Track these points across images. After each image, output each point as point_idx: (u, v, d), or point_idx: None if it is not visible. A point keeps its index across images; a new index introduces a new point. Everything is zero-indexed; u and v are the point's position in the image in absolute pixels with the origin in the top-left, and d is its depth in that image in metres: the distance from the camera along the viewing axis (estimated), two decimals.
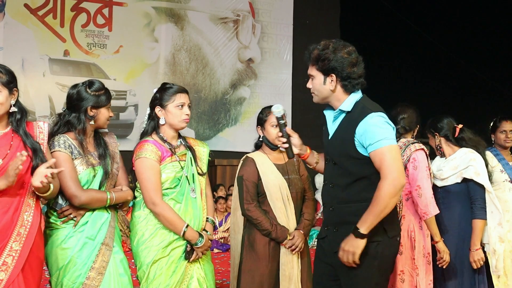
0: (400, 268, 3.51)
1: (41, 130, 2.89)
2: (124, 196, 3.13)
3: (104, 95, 3.10)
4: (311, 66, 2.84)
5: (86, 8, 10.34)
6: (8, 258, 2.66)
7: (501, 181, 4.32)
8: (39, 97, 9.78)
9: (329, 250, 2.91)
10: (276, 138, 3.46)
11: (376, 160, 2.70)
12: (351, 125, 2.77)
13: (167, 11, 10.99)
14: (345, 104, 2.82)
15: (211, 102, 11.36)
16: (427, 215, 3.46)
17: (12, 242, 2.68)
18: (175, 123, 3.22)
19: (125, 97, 10.47)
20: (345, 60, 2.77)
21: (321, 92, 2.84)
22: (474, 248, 3.65)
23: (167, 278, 3.10)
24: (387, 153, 2.68)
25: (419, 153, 3.51)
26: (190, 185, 3.22)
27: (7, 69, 2.75)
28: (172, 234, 3.14)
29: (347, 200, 2.82)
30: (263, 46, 11.75)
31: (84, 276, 2.94)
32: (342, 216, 2.83)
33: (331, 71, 2.78)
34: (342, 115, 2.85)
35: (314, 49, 2.82)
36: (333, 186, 2.88)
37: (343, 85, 2.81)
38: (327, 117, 2.97)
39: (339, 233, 2.83)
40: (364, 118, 2.73)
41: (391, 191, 2.65)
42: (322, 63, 2.78)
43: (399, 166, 2.71)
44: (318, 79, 2.82)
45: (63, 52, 10.16)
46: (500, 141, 4.41)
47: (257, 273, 3.52)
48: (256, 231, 3.54)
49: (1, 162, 2.67)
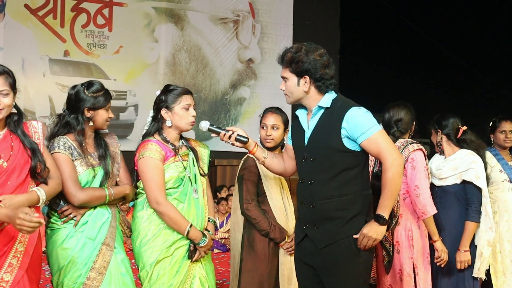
0: (398, 267, 3.51)
1: (35, 129, 2.88)
2: (122, 190, 3.14)
3: (102, 96, 3.10)
4: (284, 69, 2.94)
5: (86, 8, 10.33)
6: (13, 260, 2.66)
7: (500, 181, 4.33)
8: (39, 98, 9.77)
9: (312, 249, 2.91)
10: (264, 139, 3.59)
11: (372, 147, 2.79)
12: (335, 119, 2.83)
13: (167, 11, 10.99)
14: (323, 101, 2.89)
15: (211, 102, 11.36)
16: (426, 214, 3.47)
17: (18, 244, 2.69)
18: (182, 125, 3.23)
19: (125, 98, 10.47)
20: (317, 62, 2.85)
21: (295, 93, 2.92)
22: (463, 249, 3.66)
23: (170, 278, 3.11)
24: (380, 137, 2.80)
25: (418, 153, 3.52)
26: (192, 186, 3.24)
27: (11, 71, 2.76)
28: (175, 233, 3.14)
29: (329, 196, 2.85)
30: (263, 46, 11.75)
31: (84, 276, 2.94)
32: (324, 212, 2.86)
33: (305, 73, 2.86)
34: (320, 111, 2.91)
35: (288, 52, 2.91)
36: (313, 182, 2.89)
37: (316, 86, 2.89)
38: (300, 117, 3.03)
39: (320, 230, 2.87)
40: (348, 111, 2.81)
41: (398, 170, 2.77)
42: (296, 65, 2.86)
43: (395, 147, 2.85)
44: (291, 81, 2.91)
45: (63, 53, 10.15)
46: (499, 141, 4.42)
47: (257, 273, 3.53)
48: (256, 231, 3.55)
49: (7, 164, 2.67)
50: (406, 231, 3.55)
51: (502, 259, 4.27)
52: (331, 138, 2.83)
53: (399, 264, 3.51)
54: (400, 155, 2.81)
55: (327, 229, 2.84)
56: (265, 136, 3.59)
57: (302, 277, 3.05)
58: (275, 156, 3.26)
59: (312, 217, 2.91)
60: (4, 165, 2.66)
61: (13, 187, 2.66)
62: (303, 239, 2.99)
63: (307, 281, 3.00)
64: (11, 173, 2.66)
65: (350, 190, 2.83)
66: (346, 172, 2.83)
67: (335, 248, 2.83)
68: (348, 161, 2.83)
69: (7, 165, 2.66)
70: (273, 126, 3.57)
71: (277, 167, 3.24)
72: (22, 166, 2.72)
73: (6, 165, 2.66)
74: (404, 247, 3.51)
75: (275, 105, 3.79)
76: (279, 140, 3.59)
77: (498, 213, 4.34)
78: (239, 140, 3.11)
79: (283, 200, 3.61)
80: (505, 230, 4.33)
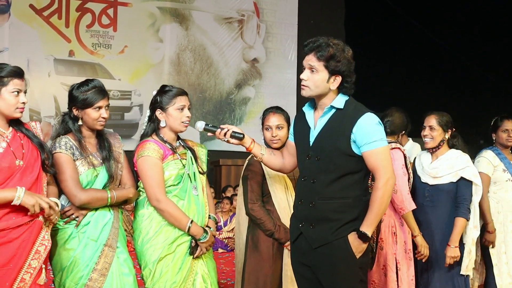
0: (382, 263, 3.59)
1: (35, 130, 2.91)
2: (125, 194, 3.13)
3: (92, 95, 3.02)
4: (318, 60, 2.79)
5: (91, 8, 10.37)
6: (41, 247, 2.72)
7: (504, 181, 4.31)
8: (44, 97, 9.81)
9: (306, 248, 2.90)
10: (270, 141, 3.56)
11: (371, 160, 2.76)
12: (346, 122, 2.79)
13: (172, 11, 11.00)
14: (337, 102, 2.84)
15: (215, 102, 11.37)
16: (404, 210, 3.57)
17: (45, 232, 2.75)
18: (176, 126, 3.24)
19: (130, 97, 10.49)
20: (351, 64, 2.82)
21: (320, 88, 2.82)
22: (453, 245, 3.69)
23: (173, 275, 3.11)
24: (382, 154, 2.77)
25: (395, 152, 3.61)
26: (192, 183, 3.25)
27: None
28: (176, 230, 3.15)
29: (330, 197, 2.82)
30: (267, 46, 11.75)
31: (86, 278, 2.93)
32: (323, 212, 2.83)
33: (340, 73, 2.80)
34: (332, 111, 2.86)
35: (329, 47, 2.77)
36: (315, 181, 2.86)
37: (342, 87, 2.84)
38: (307, 114, 2.97)
39: (316, 229, 2.85)
40: (362, 117, 2.77)
41: (389, 190, 2.76)
42: (335, 63, 2.77)
43: (392, 167, 2.82)
44: (321, 75, 2.80)
45: (68, 53, 10.19)
46: (502, 140, 4.41)
47: (261, 273, 3.52)
48: (260, 231, 3.55)
49: (23, 163, 2.70)
50: (390, 228, 3.65)
51: (507, 259, 4.26)
52: (340, 140, 2.80)
53: (383, 260, 3.58)
54: (393, 177, 2.80)
55: (323, 230, 2.82)
56: (271, 138, 3.57)
57: (301, 278, 3.03)
58: (273, 152, 3.26)
59: (309, 216, 2.89)
60: (21, 164, 2.70)
61: (29, 184, 2.70)
62: (298, 238, 2.97)
63: (306, 282, 2.99)
64: (25, 170, 2.70)
65: (351, 194, 2.81)
66: (349, 175, 2.81)
67: (330, 249, 2.82)
68: (352, 165, 2.81)
69: (23, 163, 2.70)
70: (278, 126, 3.56)
71: (275, 163, 3.23)
72: (34, 162, 2.76)
73: (23, 163, 2.70)
74: (387, 243, 3.59)
75: (279, 104, 3.77)
76: (285, 139, 3.58)
77: (502, 213, 4.32)
78: (235, 136, 3.10)
79: (287, 200, 3.60)
80: (510, 231, 4.31)
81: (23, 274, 2.65)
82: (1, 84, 2.69)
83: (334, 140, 2.82)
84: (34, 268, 2.68)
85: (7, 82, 2.69)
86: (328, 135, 2.85)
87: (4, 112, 2.72)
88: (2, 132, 2.74)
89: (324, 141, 2.86)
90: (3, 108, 2.71)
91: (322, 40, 2.81)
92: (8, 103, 2.71)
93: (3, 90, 2.69)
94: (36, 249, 2.70)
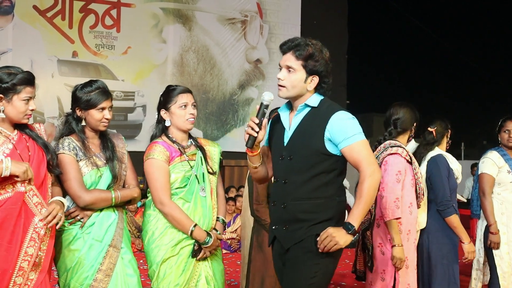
0: (381, 267, 3.50)
1: (39, 131, 2.92)
2: (129, 194, 3.13)
3: (95, 96, 3.02)
4: (296, 60, 2.76)
5: (94, 9, 10.39)
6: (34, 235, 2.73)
7: (508, 182, 4.30)
8: (47, 98, 9.83)
9: (280, 250, 2.86)
10: None
11: (352, 155, 2.70)
12: (319, 120, 2.74)
13: (175, 12, 11.02)
14: (311, 100, 2.79)
15: (219, 103, 11.38)
16: (386, 217, 3.43)
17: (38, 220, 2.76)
18: (180, 124, 3.22)
19: (133, 98, 10.51)
20: (328, 66, 2.79)
21: (297, 88, 2.78)
22: (467, 241, 3.72)
23: (177, 277, 3.11)
24: (363, 147, 2.70)
25: (392, 157, 3.49)
26: (199, 184, 3.22)
27: None
28: (181, 233, 3.14)
29: (301, 198, 2.76)
30: (270, 46, 11.76)
31: (91, 278, 2.94)
32: (294, 213, 2.77)
33: (317, 73, 2.77)
34: (306, 110, 2.81)
35: (308, 46, 2.76)
36: (287, 182, 2.81)
37: (320, 88, 2.81)
38: (282, 116, 2.91)
39: (289, 231, 2.79)
40: (334, 114, 2.72)
41: (375, 182, 2.69)
42: (314, 63, 2.75)
43: (375, 159, 2.80)
44: (298, 75, 2.77)
45: (72, 53, 10.21)
46: (504, 140, 4.41)
47: (266, 274, 3.53)
48: (265, 232, 3.55)
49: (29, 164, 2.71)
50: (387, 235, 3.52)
51: (510, 260, 4.26)
52: (313, 138, 2.74)
53: (382, 264, 3.51)
54: (379, 170, 2.73)
55: (295, 229, 2.76)
56: None
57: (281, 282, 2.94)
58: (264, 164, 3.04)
59: (282, 217, 2.83)
60: None
61: (37, 185, 2.72)
62: (273, 241, 2.93)
63: None
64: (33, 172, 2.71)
65: (323, 194, 2.74)
66: (322, 175, 2.74)
67: (297, 249, 2.76)
68: (326, 165, 2.74)
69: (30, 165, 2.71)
70: None
71: (264, 175, 3.07)
72: (40, 163, 2.78)
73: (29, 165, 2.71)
74: (387, 249, 3.49)
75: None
76: None
77: (506, 215, 4.32)
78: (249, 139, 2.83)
79: None
80: None
81: (21, 262, 2.67)
82: (14, 91, 2.70)
83: (307, 139, 2.76)
84: (31, 255, 2.69)
85: (19, 90, 2.71)
86: (301, 134, 2.79)
87: (12, 118, 2.75)
88: (8, 135, 2.75)
89: (298, 140, 2.80)
90: (12, 114, 2.73)
91: (301, 40, 2.81)
92: (18, 110, 2.73)
93: (15, 97, 2.71)
94: (31, 237, 2.70)
